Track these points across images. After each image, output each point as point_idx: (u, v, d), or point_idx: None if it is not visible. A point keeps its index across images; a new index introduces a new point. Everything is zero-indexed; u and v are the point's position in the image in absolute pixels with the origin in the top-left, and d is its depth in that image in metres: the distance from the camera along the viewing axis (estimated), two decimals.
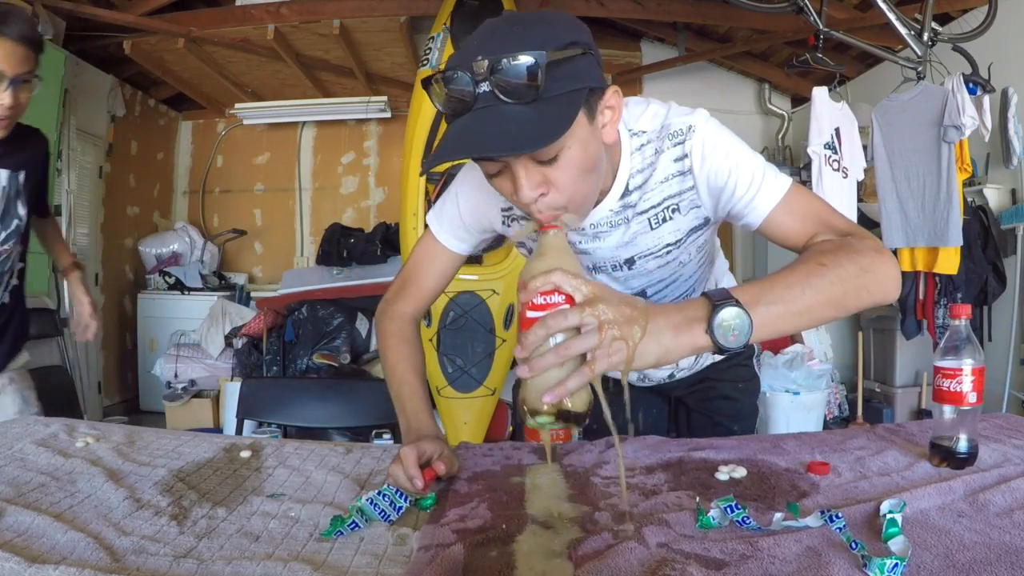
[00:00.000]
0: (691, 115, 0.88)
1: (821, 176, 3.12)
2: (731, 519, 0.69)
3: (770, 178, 0.86)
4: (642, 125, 0.89)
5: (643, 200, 0.90)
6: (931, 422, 0.93)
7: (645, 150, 0.89)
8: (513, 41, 0.69)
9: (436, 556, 0.61)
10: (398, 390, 0.97)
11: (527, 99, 0.68)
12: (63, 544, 0.64)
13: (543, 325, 0.65)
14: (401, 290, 1.06)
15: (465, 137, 0.70)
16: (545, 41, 0.69)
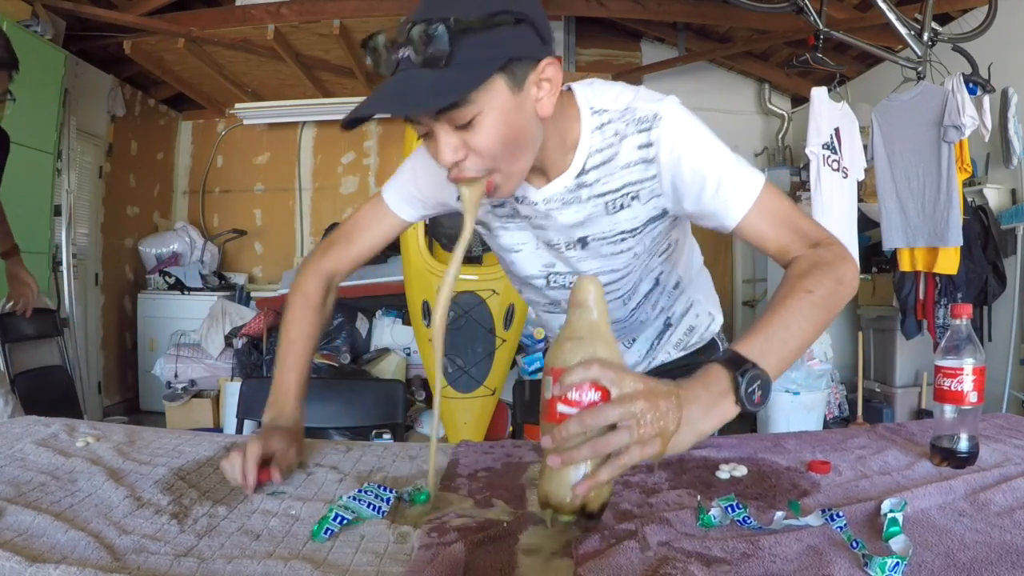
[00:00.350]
0: (660, 102, 0.85)
1: (820, 177, 3.12)
2: (732, 518, 0.69)
3: (743, 176, 0.84)
4: (604, 104, 0.87)
5: (601, 182, 0.89)
6: (932, 421, 0.93)
7: (606, 130, 0.87)
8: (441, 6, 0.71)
9: (437, 554, 0.61)
10: (282, 359, 0.97)
11: (437, 64, 0.69)
12: (63, 543, 0.64)
13: (579, 423, 0.63)
14: (332, 244, 1.05)
15: (375, 96, 0.73)
16: (470, 7, 0.70)
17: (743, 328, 5.23)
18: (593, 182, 0.89)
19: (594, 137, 0.87)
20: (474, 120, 0.73)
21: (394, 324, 4.18)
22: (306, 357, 0.99)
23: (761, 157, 5.36)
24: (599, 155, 0.88)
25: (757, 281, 5.17)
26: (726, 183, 0.83)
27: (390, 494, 0.76)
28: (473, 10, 0.70)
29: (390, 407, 1.57)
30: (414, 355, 4.00)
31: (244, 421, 1.50)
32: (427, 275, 3.14)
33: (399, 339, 4.15)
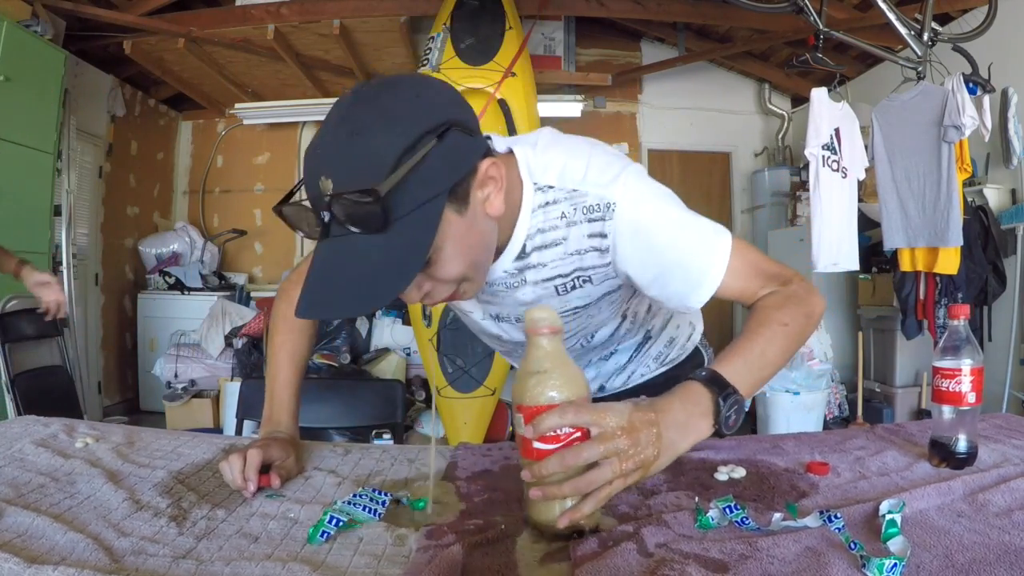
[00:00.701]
0: (612, 184, 0.78)
1: (819, 178, 3.12)
2: (730, 519, 0.69)
3: (709, 253, 0.80)
4: (549, 179, 0.80)
5: (548, 267, 0.84)
6: (931, 422, 0.93)
7: (550, 210, 0.80)
8: (351, 159, 0.62)
9: (435, 556, 0.61)
10: (273, 377, 0.99)
11: (374, 230, 0.63)
12: (62, 545, 0.64)
13: (559, 461, 0.63)
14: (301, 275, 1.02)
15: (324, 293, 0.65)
16: (386, 151, 0.62)
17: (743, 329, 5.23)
18: (537, 264, 0.84)
19: (536, 216, 0.81)
20: (432, 258, 0.68)
21: (394, 324, 4.19)
22: (297, 376, 1.01)
23: (761, 157, 5.36)
24: (541, 236, 0.82)
25: None
26: (693, 270, 0.80)
27: (385, 497, 0.76)
28: (390, 149, 0.62)
29: (390, 407, 1.57)
30: (414, 355, 4.01)
31: (244, 421, 1.50)
32: None
33: (399, 339, 4.15)
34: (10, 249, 2.33)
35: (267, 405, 0.98)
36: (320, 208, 0.64)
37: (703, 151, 5.35)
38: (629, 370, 1.14)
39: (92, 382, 4.19)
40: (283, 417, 0.96)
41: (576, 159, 0.80)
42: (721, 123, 5.29)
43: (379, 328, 4.21)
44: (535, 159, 0.81)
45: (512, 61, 3.48)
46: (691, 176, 5.38)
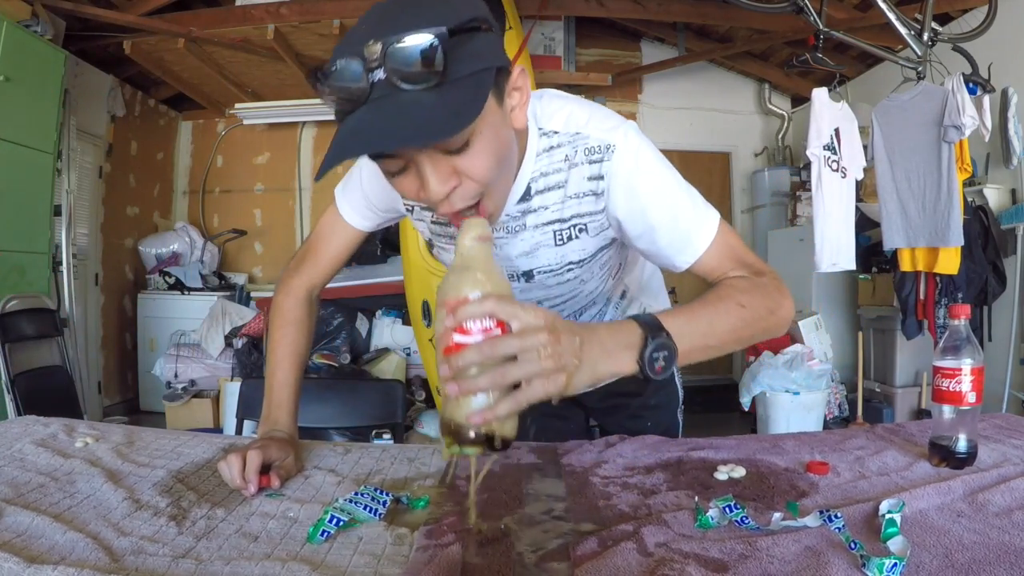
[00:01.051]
0: (614, 130, 0.80)
1: (821, 178, 3.12)
2: (730, 519, 0.69)
3: (697, 221, 0.82)
4: (554, 125, 0.82)
5: (549, 210, 0.85)
6: (930, 422, 0.93)
7: (554, 154, 0.83)
8: (406, 20, 0.61)
9: (434, 556, 0.61)
10: (271, 374, 0.98)
11: (429, 83, 0.60)
12: (62, 544, 0.64)
13: (477, 352, 0.60)
14: (302, 262, 1.05)
15: (363, 132, 0.61)
16: (442, 18, 0.61)
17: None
18: (539, 208, 0.86)
19: (540, 160, 0.83)
20: (469, 142, 0.65)
21: (394, 324, 4.18)
22: (297, 373, 1.00)
23: (761, 157, 5.37)
24: (544, 179, 0.84)
25: None
26: (680, 229, 0.81)
27: (386, 497, 0.76)
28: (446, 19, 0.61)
29: (390, 407, 1.57)
30: (414, 355, 4.00)
31: (244, 421, 1.50)
32: (427, 275, 3.14)
33: (399, 339, 4.15)
34: (10, 249, 2.34)
35: (266, 403, 0.98)
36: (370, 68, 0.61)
37: (703, 151, 5.35)
38: None
39: (92, 382, 4.19)
40: (282, 416, 0.96)
41: (580, 108, 0.83)
42: (721, 123, 5.29)
43: (379, 328, 4.21)
44: (541, 107, 0.83)
45: (512, 61, 3.47)
46: (691, 176, 5.20)
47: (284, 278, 1.05)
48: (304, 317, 1.03)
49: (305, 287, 1.05)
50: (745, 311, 0.77)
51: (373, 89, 0.61)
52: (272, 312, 1.03)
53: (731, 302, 0.77)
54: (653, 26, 4.91)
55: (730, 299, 0.77)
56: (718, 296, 0.78)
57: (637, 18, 4.41)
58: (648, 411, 1.23)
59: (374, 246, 4.17)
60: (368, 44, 0.60)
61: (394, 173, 0.69)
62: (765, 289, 0.80)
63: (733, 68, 5.23)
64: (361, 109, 0.62)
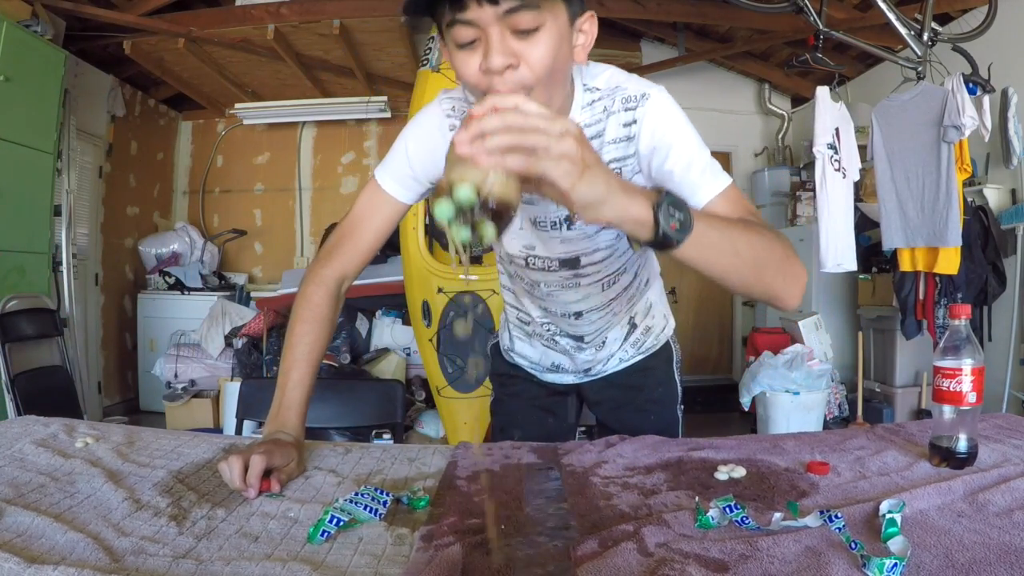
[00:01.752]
0: (648, 85, 0.89)
1: (825, 177, 3.11)
2: (730, 519, 0.69)
3: (714, 168, 0.87)
4: (597, 83, 0.91)
5: None
6: (931, 422, 0.93)
7: (595, 107, 0.90)
8: None
9: (435, 556, 0.61)
10: (286, 372, 0.96)
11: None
12: (62, 544, 0.64)
13: (501, 118, 0.59)
14: (338, 247, 1.02)
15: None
16: None
17: (743, 327, 5.24)
18: None
19: (583, 113, 0.90)
20: (537, 29, 0.73)
21: (394, 324, 4.18)
22: (312, 374, 0.98)
23: (761, 157, 5.37)
24: (588, 130, 0.90)
25: None
26: (697, 167, 0.86)
27: (387, 497, 0.76)
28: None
29: (390, 407, 1.57)
30: (414, 355, 4.00)
31: (244, 421, 1.50)
32: (427, 275, 3.15)
33: (399, 339, 4.15)
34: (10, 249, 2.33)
35: (276, 401, 0.95)
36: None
37: None
38: (618, 356, 1.23)
39: (92, 382, 4.19)
40: (291, 418, 0.94)
41: (620, 72, 0.92)
42: (721, 123, 5.29)
43: (379, 328, 4.21)
44: (586, 70, 0.91)
45: None
46: None
47: (314, 267, 1.02)
48: (329, 315, 1.00)
49: (336, 278, 1.01)
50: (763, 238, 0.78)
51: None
52: (299, 303, 0.99)
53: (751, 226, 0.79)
54: (653, 26, 4.91)
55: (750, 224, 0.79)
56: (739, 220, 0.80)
57: (637, 18, 4.40)
58: (650, 406, 1.25)
59: None
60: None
61: (461, 46, 0.75)
62: (780, 236, 0.82)
63: (733, 68, 5.23)
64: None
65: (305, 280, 1.01)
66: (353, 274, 1.04)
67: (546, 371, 1.28)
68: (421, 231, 3.17)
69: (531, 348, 1.26)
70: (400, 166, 0.98)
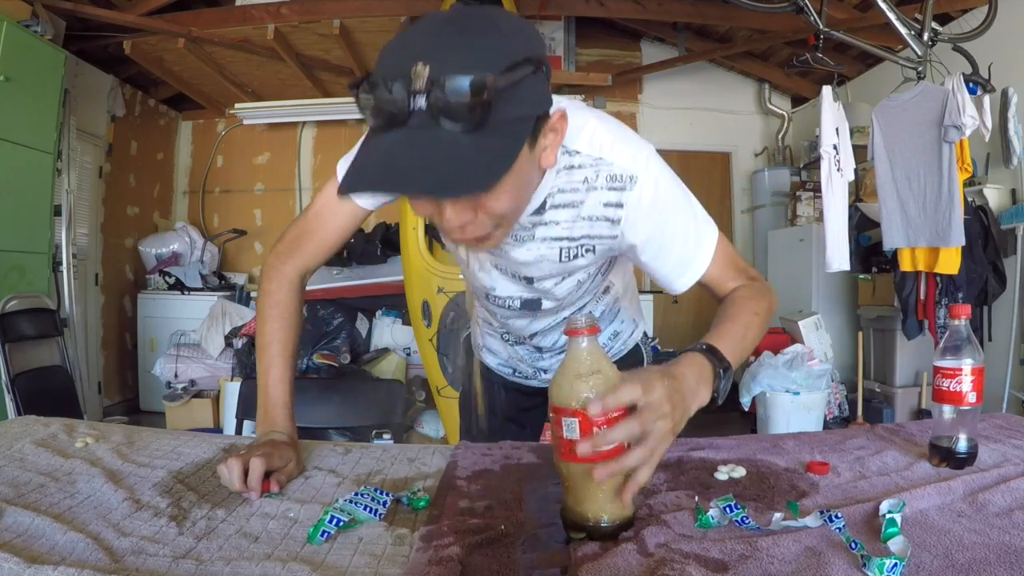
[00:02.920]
0: (636, 160, 0.82)
1: (831, 177, 3.11)
2: (730, 519, 0.69)
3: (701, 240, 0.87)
4: (578, 144, 0.82)
5: (559, 226, 0.87)
6: (931, 422, 0.93)
7: (574, 173, 0.83)
8: (460, 51, 0.61)
9: (435, 557, 0.61)
10: (265, 372, 0.95)
11: (469, 126, 0.60)
12: (62, 545, 0.64)
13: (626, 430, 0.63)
14: (296, 244, 0.99)
15: (395, 168, 0.62)
16: (497, 56, 0.61)
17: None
18: (550, 222, 0.87)
19: (560, 176, 0.84)
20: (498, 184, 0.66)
21: (394, 324, 4.18)
22: (291, 370, 0.98)
23: (761, 157, 5.37)
24: (561, 196, 0.84)
25: None
26: (687, 253, 0.87)
27: (387, 497, 0.76)
28: (500, 58, 0.61)
29: (390, 407, 1.57)
30: (414, 355, 4.00)
31: (243, 421, 1.50)
32: (427, 275, 3.14)
33: (399, 339, 4.15)
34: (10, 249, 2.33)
35: (261, 403, 0.95)
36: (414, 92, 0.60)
37: (703, 151, 5.35)
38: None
39: (92, 382, 4.19)
40: (280, 416, 0.94)
41: (604, 128, 0.83)
42: (721, 123, 5.29)
43: (379, 328, 4.21)
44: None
45: None
46: (691, 176, 5.33)
47: (274, 262, 0.99)
48: (296, 310, 0.99)
49: (299, 275, 1.00)
50: (760, 317, 0.86)
51: (412, 115, 0.61)
52: (262, 301, 0.98)
53: (750, 314, 0.85)
54: (653, 26, 4.91)
55: (748, 312, 0.86)
56: (739, 311, 0.86)
57: (637, 18, 4.41)
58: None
59: (374, 246, 4.17)
60: (416, 67, 0.59)
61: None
62: (762, 291, 0.90)
63: (733, 68, 5.23)
64: (396, 132, 0.62)
65: (266, 276, 1.00)
66: (314, 268, 1.02)
67: (513, 374, 1.26)
68: (421, 231, 3.17)
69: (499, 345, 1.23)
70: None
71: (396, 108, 0.61)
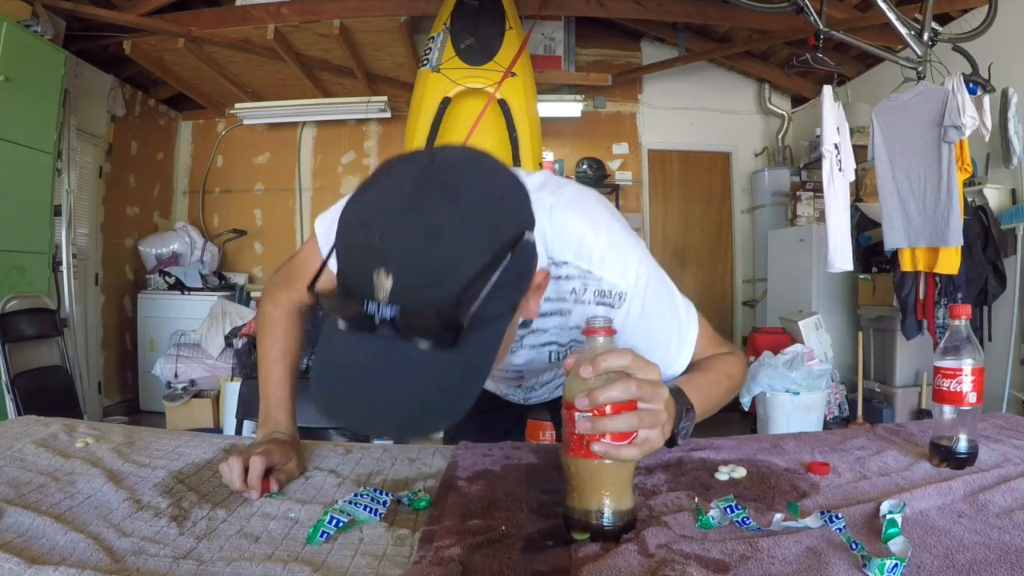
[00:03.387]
0: (626, 276, 0.80)
1: (833, 176, 3.11)
2: (731, 519, 0.69)
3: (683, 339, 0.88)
4: (566, 255, 0.79)
5: (547, 333, 0.88)
6: (931, 422, 0.93)
7: (562, 284, 0.80)
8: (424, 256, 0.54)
9: (435, 557, 0.61)
10: (265, 377, 0.99)
11: (440, 346, 0.56)
12: (63, 545, 0.64)
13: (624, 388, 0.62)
14: (288, 281, 1.03)
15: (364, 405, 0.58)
16: (468, 262, 0.55)
17: (743, 327, 5.24)
18: (538, 330, 0.87)
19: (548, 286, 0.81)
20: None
21: None
22: (291, 374, 1.01)
23: (761, 157, 5.37)
24: (549, 304, 0.82)
25: (757, 281, 5.17)
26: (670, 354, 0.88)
27: (387, 497, 0.76)
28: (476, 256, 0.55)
29: None
30: None
31: (244, 421, 1.50)
32: None
33: None
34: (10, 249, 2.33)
35: (263, 405, 0.98)
36: (375, 301, 0.55)
37: (703, 151, 5.35)
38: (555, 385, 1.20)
39: (92, 382, 4.19)
40: (281, 416, 0.96)
41: (594, 235, 0.79)
42: (721, 123, 5.29)
43: None
44: (551, 230, 0.78)
45: (512, 61, 3.48)
46: (691, 176, 5.38)
47: (271, 289, 1.05)
48: (295, 324, 1.04)
49: (295, 303, 1.04)
50: (731, 381, 0.89)
51: (379, 326, 0.55)
52: (260, 321, 1.04)
53: (722, 375, 0.88)
54: (653, 26, 4.91)
55: (720, 372, 0.88)
56: (711, 367, 0.88)
57: (637, 18, 4.41)
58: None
59: None
60: (379, 274, 0.54)
61: None
62: (738, 360, 0.93)
63: (733, 68, 5.23)
64: (365, 337, 0.56)
65: (265, 299, 1.05)
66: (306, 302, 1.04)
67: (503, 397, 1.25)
68: None
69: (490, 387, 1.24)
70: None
71: (362, 319, 0.55)
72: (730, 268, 5.35)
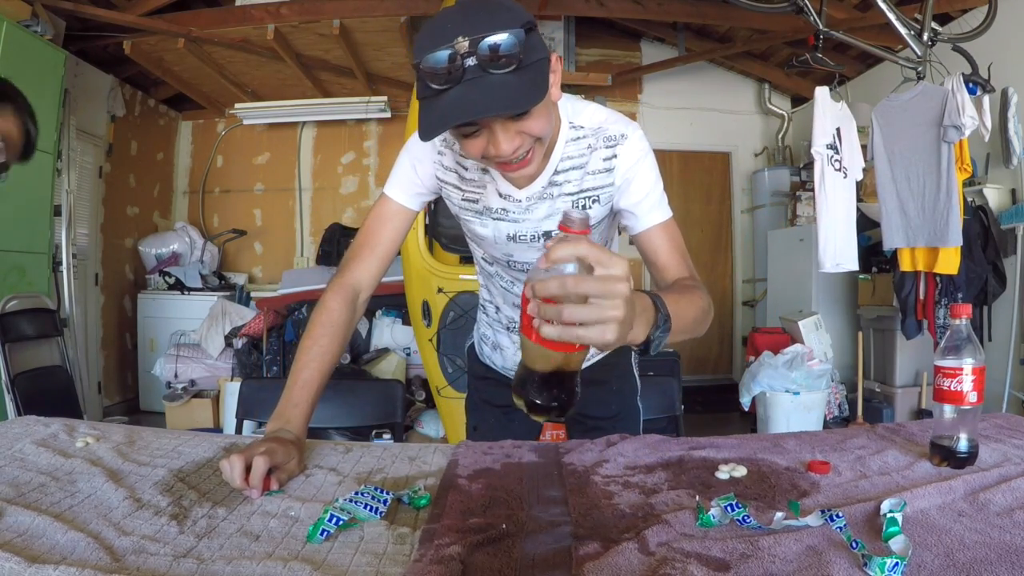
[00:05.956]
0: (627, 125, 1.05)
1: (824, 177, 3.11)
2: (731, 518, 0.69)
3: (663, 203, 1.07)
4: (582, 120, 1.05)
5: (571, 183, 1.06)
6: (931, 421, 0.93)
7: (580, 143, 1.04)
8: (489, 22, 0.81)
9: (436, 556, 0.61)
10: (296, 373, 1.00)
11: (511, 68, 0.80)
12: (63, 544, 0.64)
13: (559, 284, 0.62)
14: (354, 257, 1.11)
15: (465, 103, 0.80)
16: (513, 20, 0.81)
17: (743, 327, 5.24)
18: (563, 182, 1.06)
19: (568, 147, 1.05)
20: (532, 109, 0.85)
21: (394, 324, 4.19)
22: (321, 379, 1.01)
23: (761, 157, 5.37)
24: (570, 161, 1.05)
25: (757, 281, 5.17)
26: (652, 200, 1.05)
27: (387, 496, 0.76)
28: (516, 22, 0.81)
29: (390, 407, 1.57)
30: (414, 355, 4.00)
31: (243, 421, 1.50)
32: (427, 275, 3.14)
33: (399, 339, 4.15)
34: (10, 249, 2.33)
35: (283, 399, 0.97)
36: (466, 55, 0.79)
37: (703, 151, 5.35)
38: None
39: (92, 382, 4.18)
40: (295, 416, 0.96)
41: (602, 110, 1.07)
42: (721, 123, 5.29)
43: (379, 328, 4.21)
44: (572, 107, 1.05)
45: None
46: (691, 176, 5.38)
47: (334, 278, 1.10)
48: (344, 320, 1.06)
49: (353, 284, 1.09)
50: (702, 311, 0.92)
51: (465, 73, 0.80)
52: (317, 309, 1.06)
53: (695, 296, 0.92)
54: (653, 26, 4.91)
55: (694, 294, 0.93)
56: (687, 290, 0.94)
57: (637, 18, 4.40)
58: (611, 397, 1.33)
59: None
60: (458, 40, 0.79)
61: (467, 136, 0.88)
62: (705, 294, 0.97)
63: (733, 68, 5.23)
64: (457, 88, 0.80)
65: (329, 286, 1.10)
66: (369, 280, 1.12)
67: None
68: (421, 231, 3.17)
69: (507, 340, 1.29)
70: (409, 179, 1.11)
71: (453, 70, 0.79)
72: (730, 268, 5.35)
